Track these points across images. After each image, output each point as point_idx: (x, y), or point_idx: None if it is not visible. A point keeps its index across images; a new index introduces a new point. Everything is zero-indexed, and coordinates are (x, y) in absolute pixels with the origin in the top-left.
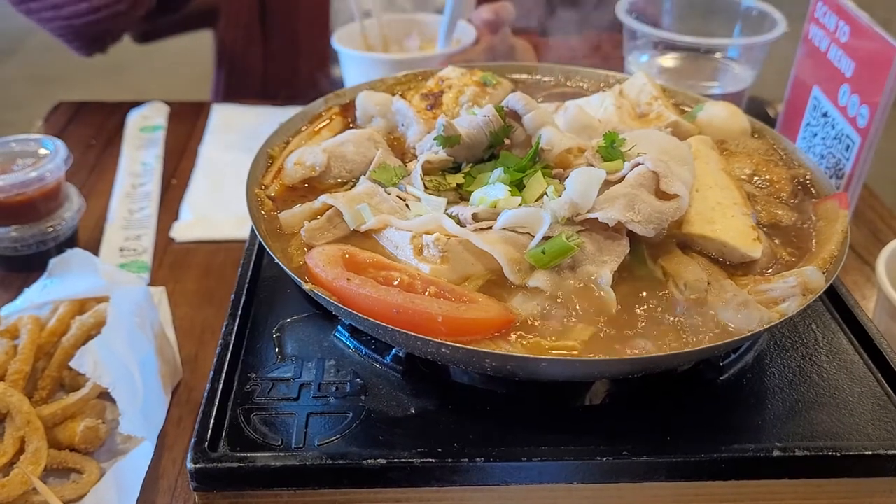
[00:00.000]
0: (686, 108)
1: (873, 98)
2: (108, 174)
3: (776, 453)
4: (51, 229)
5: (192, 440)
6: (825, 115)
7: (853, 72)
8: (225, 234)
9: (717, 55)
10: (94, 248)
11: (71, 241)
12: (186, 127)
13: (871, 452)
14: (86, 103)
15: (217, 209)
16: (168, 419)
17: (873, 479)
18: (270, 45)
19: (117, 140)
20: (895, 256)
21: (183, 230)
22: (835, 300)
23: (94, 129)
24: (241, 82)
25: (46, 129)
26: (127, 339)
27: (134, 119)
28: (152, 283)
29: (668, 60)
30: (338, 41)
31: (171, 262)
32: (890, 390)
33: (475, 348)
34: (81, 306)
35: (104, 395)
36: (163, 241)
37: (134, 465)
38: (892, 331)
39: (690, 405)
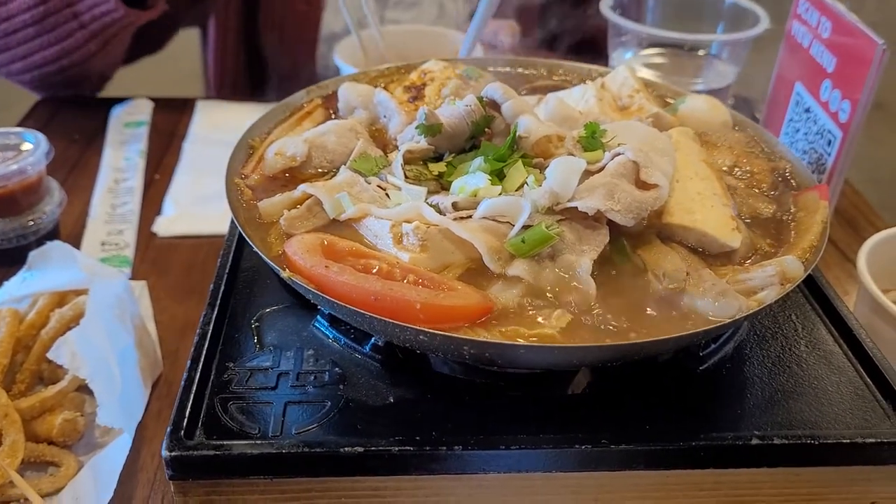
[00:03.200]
0: (668, 101)
1: (854, 93)
2: (91, 170)
3: (754, 441)
4: (31, 223)
5: (168, 428)
6: (807, 110)
7: (835, 67)
8: (208, 229)
9: (701, 52)
10: (76, 242)
11: (52, 235)
12: (170, 123)
13: (848, 441)
14: (69, 100)
15: (200, 204)
16: (148, 412)
17: (851, 468)
18: (260, 40)
19: (100, 136)
20: (876, 251)
21: (165, 225)
22: (815, 291)
23: (77, 125)
24: (232, 79)
25: (29, 125)
26: (105, 331)
27: (118, 115)
28: (134, 277)
29: (653, 57)
30: (339, 55)
31: (154, 256)
32: (868, 380)
33: (453, 335)
34: (61, 299)
35: (83, 389)
36: (145, 235)
37: (112, 458)
38: (873, 324)
39: (670, 395)
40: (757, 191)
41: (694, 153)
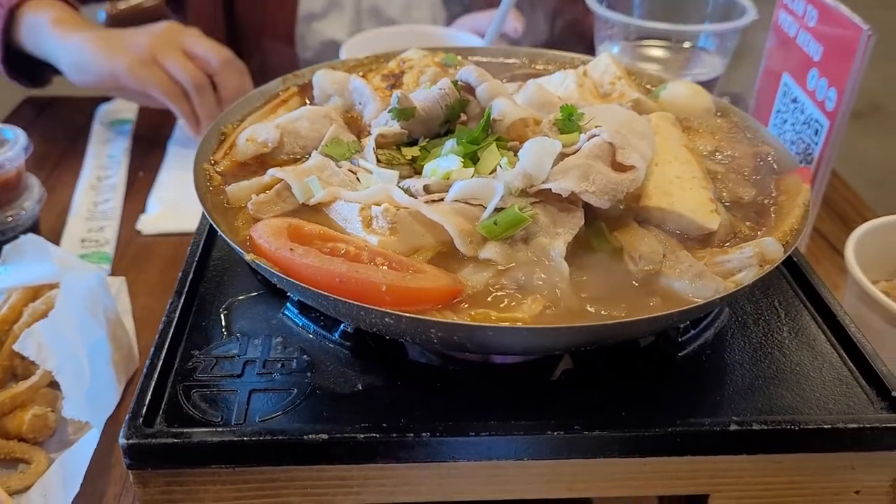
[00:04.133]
0: (651, 89)
1: (841, 81)
2: (74, 167)
3: (733, 427)
4: (10, 219)
5: (127, 416)
6: (794, 100)
7: (821, 56)
8: (191, 227)
9: (687, 44)
10: (56, 239)
11: (31, 232)
12: (156, 121)
13: (829, 426)
14: (54, 99)
15: (184, 202)
16: (122, 408)
17: (833, 454)
18: (238, 22)
19: (85, 134)
20: (865, 242)
21: (150, 222)
22: (799, 278)
23: (61, 125)
24: None
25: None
26: (76, 323)
27: (103, 114)
28: (114, 274)
29: (640, 50)
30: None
31: (135, 253)
32: (852, 365)
33: (419, 317)
34: (35, 293)
35: (56, 385)
36: (127, 232)
37: (80, 453)
38: (861, 313)
39: (648, 381)
40: (738, 175)
41: (674, 137)
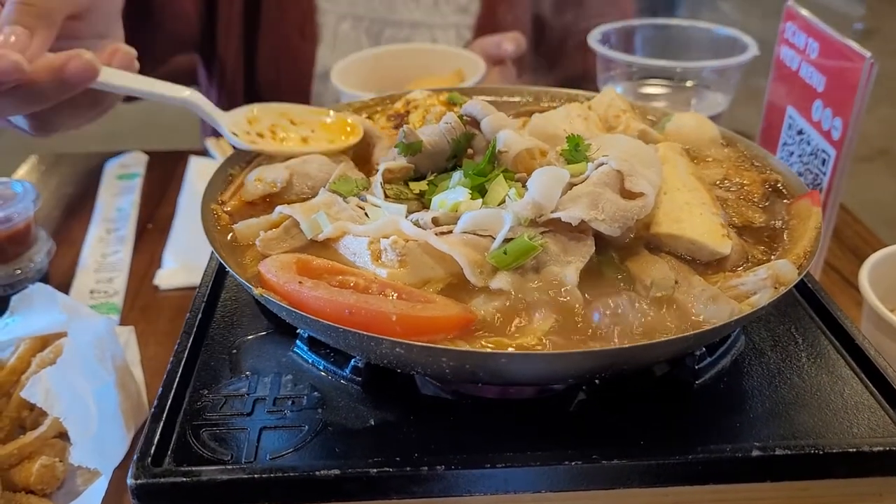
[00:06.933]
0: (656, 122)
1: (845, 109)
2: (83, 221)
3: (755, 453)
4: (18, 271)
5: (135, 456)
6: (800, 132)
7: (825, 86)
8: None
9: (690, 83)
10: (66, 291)
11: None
12: (164, 175)
13: (855, 450)
14: (63, 154)
15: (199, 257)
16: (131, 457)
17: (860, 480)
18: (257, 77)
19: (94, 189)
20: (878, 268)
21: (167, 278)
22: (814, 303)
23: (70, 178)
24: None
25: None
26: (83, 370)
27: (111, 168)
28: (123, 324)
29: (643, 90)
30: (337, 78)
31: (144, 304)
32: (874, 389)
33: (430, 345)
34: (43, 343)
35: (64, 436)
36: (136, 284)
37: (88, 502)
38: (877, 339)
39: (665, 410)
40: (748, 202)
41: (682, 166)
